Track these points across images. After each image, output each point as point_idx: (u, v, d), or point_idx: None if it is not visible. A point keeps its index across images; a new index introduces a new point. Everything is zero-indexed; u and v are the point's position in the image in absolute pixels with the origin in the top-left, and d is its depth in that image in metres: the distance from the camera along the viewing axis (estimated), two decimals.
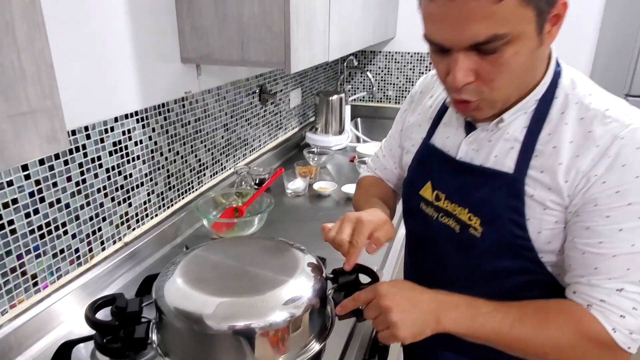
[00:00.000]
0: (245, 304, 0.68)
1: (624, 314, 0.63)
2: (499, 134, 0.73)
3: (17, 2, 0.47)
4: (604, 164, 0.63)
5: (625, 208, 0.62)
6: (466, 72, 0.62)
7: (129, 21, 1.07)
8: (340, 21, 1.56)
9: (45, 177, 0.92)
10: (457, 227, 0.79)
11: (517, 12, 0.57)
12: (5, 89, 0.47)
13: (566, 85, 0.70)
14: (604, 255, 0.64)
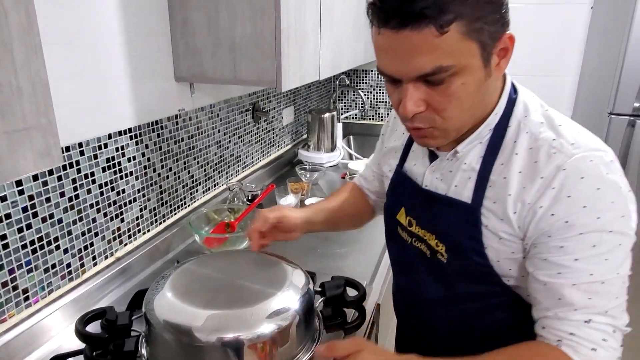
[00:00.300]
0: (233, 316, 0.70)
1: (595, 346, 0.63)
2: (458, 164, 0.75)
3: (15, 25, 0.49)
4: (549, 196, 0.64)
5: (577, 238, 0.63)
6: (416, 101, 0.64)
7: (124, 41, 1.10)
8: (331, 41, 1.60)
9: (39, 193, 0.93)
10: (427, 252, 0.82)
11: (460, 45, 0.59)
12: (2, 106, 0.49)
13: (519, 113, 0.71)
14: (564, 285, 0.64)
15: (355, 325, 0.85)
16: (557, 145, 0.65)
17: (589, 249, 0.62)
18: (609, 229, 0.62)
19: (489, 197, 0.71)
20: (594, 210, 0.61)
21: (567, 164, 0.63)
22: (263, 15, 1.18)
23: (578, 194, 0.62)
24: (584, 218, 0.62)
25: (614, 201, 0.62)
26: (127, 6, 1.09)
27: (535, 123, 0.69)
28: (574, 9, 2.25)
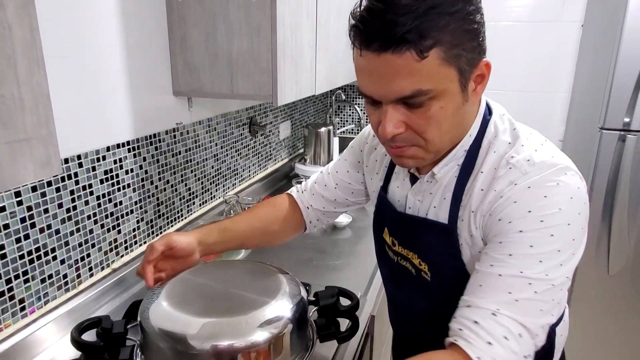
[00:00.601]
0: (227, 324, 0.71)
1: (493, 341, 0.61)
2: (437, 186, 0.77)
3: (18, 39, 0.52)
4: (499, 204, 0.66)
5: (516, 235, 0.64)
6: (395, 123, 0.65)
7: (124, 56, 1.13)
8: (327, 57, 1.64)
9: (37, 204, 0.95)
10: (413, 270, 0.84)
11: (439, 70, 0.61)
12: (4, 117, 0.51)
13: (490, 134, 0.73)
14: (490, 274, 0.65)
15: (348, 335, 0.86)
16: (514, 162, 0.68)
17: (526, 248, 0.63)
18: (551, 232, 0.63)
19: (462, 216, 0.73)
20: (539, 214, 0.63)
21: (519, 179, 0.66)
22: (260, 31, 1.21)
23: (524, 200, 0.64)
24: (527, 220, 0.63)
25: (562, 209, 0.63)
26: (128, 23, 1.12)
27: (503, 143, 0.71)
28: (566, 27, 2.30)
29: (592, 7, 2.17)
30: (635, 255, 1.92)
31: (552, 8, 2.30)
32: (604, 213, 1.88)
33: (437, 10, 0.58)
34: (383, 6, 0.59)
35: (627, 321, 2.05)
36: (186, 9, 1.25)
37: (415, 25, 0.57)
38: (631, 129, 1.78)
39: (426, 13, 0.58)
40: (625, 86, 1.76)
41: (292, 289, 0.81)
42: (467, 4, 0.61)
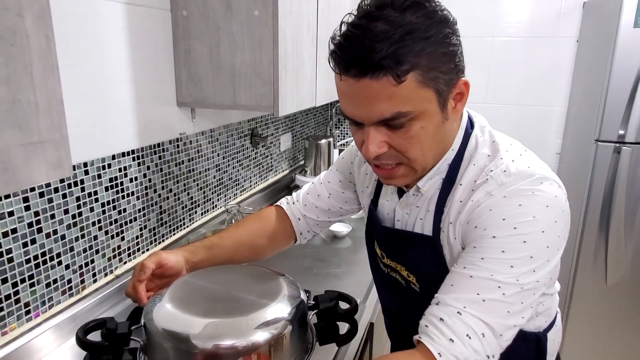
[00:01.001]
0: (229, 325, 0.73)
1: (455, 338, 0.62)
2: (423, 199, 0.79)
3: (35, 47, 0.55)
4: (475, 213, 0.68)
5: (490, 241, 0.65)
6: (378, 144, 0.67)
7: (131, 68, 1.16)
8: (327, 70, 1.68)
9: (44, 209, 0.97)
10: (402, 281, 0.86)
11: (417, 92, 0.62)
12: (20, 120, 0.54)
13: (471, 147, 0.75)
14: (462, 274, 0.67)
15: (347, 338, 0.87)
16: (491, 175, 0.70)
17: (498, 253, 0.65)
18: (524, 239, 0.64)
19: (444, 228, 0.75)
20: (513, 222, 0.65)
21: (495, 190, 0.68)
22: (262, 45, 1.25)
23: (500, 209, 0.66)
24: (501, 227, 0.65)
25: (536, 217, 0.64)
26: (135, 36, 1.16)
27: (483, 155, 0.73)
28: (561, 42, 2.35)
29: (586, 23, 2.22)
30: (633, 265, 1.93)
31: (548, 24, 2.35)
32: (601, 224, 1.90)
33: (412, 36, 0.60)
34: (360, 33, 0.61)
35: (625, 331, 2.05)
36: (191, 23, 1.29)
37: (392, 51, 0.59)
38: (626, 141, 1.82)
39: (402, 39, 0.59)
40: (619, 100, 1.80)
41: (292, 291, 0.83)
42: (442, 27, 0.63)
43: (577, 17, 2.30)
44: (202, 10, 1.27)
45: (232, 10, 1.25)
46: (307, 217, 1.05)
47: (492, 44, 2.44)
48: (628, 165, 1.81)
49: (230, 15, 1.25)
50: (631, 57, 1.76)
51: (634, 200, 1.85)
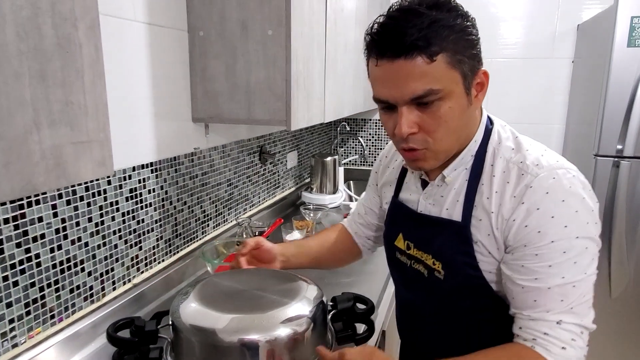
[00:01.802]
0: (253, 320, 0.76)
1: (565, 345, 0.71)
2: (448, 189, 0.84)
3: (87, 55, 0.60)
4: (521, 210, 0.73)
5: (549, 246, 0.71)
6: (409, 123, 0.73)
7: (150, 85, 1.22)
8: (335, 89, 1.74)
9: (70, 216, 1.01)
10: (425, 271, 0.89)
11: (446, 72, 0.70)
12: (72, 120, 0.59)
13: (494, 140, 0.81)
14: (540, 288, 0.72)
15: (365, 337, 0.90)
16: (524, 168, 0.76)
17: (560, 255, 0.71)
18: (576, 235, 0.70)
19: (476, 215, 0.80)
20: (561, 220, 0.71)
21: (534, 182, 0.73)
22: (275, 63, 1.31)
23: (546, 206, 0.72)
24: (554, 227, 0.71)
25: (578, 210, 0.71)
26: (155, 55, 1.23)
27: (507, 148, 0.80)
28: (557, 63, 2.44)
29: (581, 44, 2.31)
30: (635, 277, 1.96)
31: (544, 46, 2.44)
32: (603, 237, 1.91)
33: (439, 24, 0.69)
34: (394, 22, 0.71)
35: (631, 342, 2.06)
36: (207, 43, 1.36)
37: (423, 34, 0.68)
38: (624, 155, 1.87)
39: (429, 26, 0.69)
40: (616, 116, 1.87)
41: (313, 292, 0.86)
42: (463, 19, 0.72)
43: (572, 38, 2.39)
44: (218, 31, 1.34)
45: (247, 31, 1.31)
46: (358, 234, 1.16)
47: (490, 64, 2.52)
48: (627, 179, 1.86)
49: (245, 35, 1.32)
50: (626, 75, 1.83)
51: (635, 212, 1.90)
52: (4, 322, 0.89)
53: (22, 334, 0.93)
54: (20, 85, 0.51)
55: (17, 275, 0.91)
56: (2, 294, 0.88)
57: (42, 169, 0.55)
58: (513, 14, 2.47)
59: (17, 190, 0.52)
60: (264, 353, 0.74)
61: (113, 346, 0.78)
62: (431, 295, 0.89)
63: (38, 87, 0.54)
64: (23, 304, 0.92)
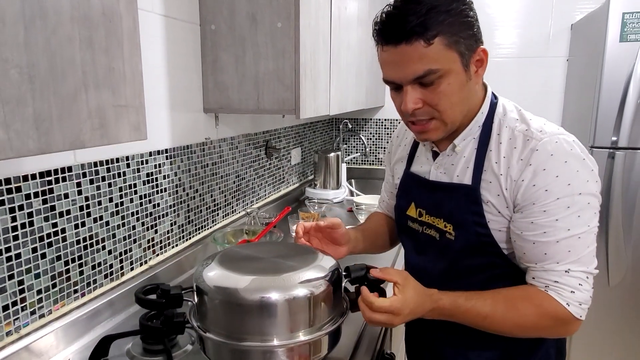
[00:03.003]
0: (273, 280, 0.80)
1: (574, 289, 0.80)
2: (457, 158, 0.91)
3: (126, 26, 0.66)
4: (528, 171, 0.80)
5: (555, 202, 0.79)
6: (414, 100, 0.82)
7: (166, 75, 1.28)
8: (339, 83, 1.81)
9: (93, 195, 1.06)
10: (437, 235, 0.96)
11: (444, 53, 0.78)
12: (113, 85, 0.64)
13: (500, 112, 0.89)
14: (549, 242, 0.80)
15: None
16: (529, 134, 0.84)
17: (565, 210, 0.78)
18: (578, 192, 0.78)
19: (485, 179, 0.87)
20: (565, 178, 0.78)
21: (539, 146, 0.81)
22: (284, 54, 1.37)
23: (551, 166, 0.79)
24: (558, 186, 0.78)
25: (579, 170, 0.79)
26: (170, 46, 1.28)
27: (512, 119, 0.88)
28: (552, 61, 2.51)
29: (575, 42, 2.39)
30: (633, 265, 2.02)
31: (539, 45, 2.52)
32: (600, 226, 1.97)
33: (436, 10, 0.76)
34: (396, 11, 0.79)
35: (629, 330, 2.11)
36: (218, 36, 1.42)
37: (420, 21, 0.76)
38: (619, 146, 1.94)
39: (427, 13, 0.76)
40: (610, 108, 1.93)
41: (328, 260, 0.91)
42: (460, 3, 0.79)
43: (566, 38, 2.47)
44: (229, 24, 1.40)
45: (256, 23, 1.38)
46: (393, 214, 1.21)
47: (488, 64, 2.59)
48: (622, 169, 1.92)
49: (255, 28, 1.38)
50: (619, 68, 1.90)
51: (630, 201, 1.96)
52: (33, 292, 0.93)
53: (48, 305, 0.97)
54: (72, 48, 0.57)
55: (44, 247, 0.95)
56: (31, 264, 0.92)
57: (88, 126, 0.60)
58: (508, 15, 2.55)
59: (67, 143, 0.57)
60: (284, 311, 0.79)
61: (142, 307, 0.82)
62: (442, 258, 0.95)
63: (86, 52, 0.59)
64: (49, 276, 0.97)
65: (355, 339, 1.04)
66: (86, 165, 1.03)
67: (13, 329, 0.90)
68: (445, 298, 0.85)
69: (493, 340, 0.95)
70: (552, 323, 0.82)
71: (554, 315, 0.81)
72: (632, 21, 1.85)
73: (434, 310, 0.85)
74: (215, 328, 0.81)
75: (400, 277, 0.84)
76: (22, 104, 0.51)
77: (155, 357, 0.92)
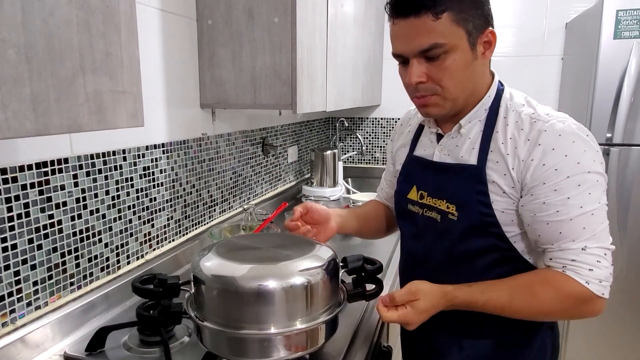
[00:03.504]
0: (271, 269, 0.80)
1: (592, 267, 0.80)
2: (462, 140, 0.92)
3: (123, 12, 0.66)
4: (538, 151, 0.82)
5: (566, 181, 0.80)
6: (419, 73, 0.84)
7: (163, 69, 1.28)
8: (335, 80, 1.81)
9: (89, 187, 1.06)
10: (438, 217, 0.96)
11: (450, 29, 0.80)
12: (111, 70, 0.64)
13: (506, 97, 0.92)
14: (563, 221, 0.81)
15: (374, 294, 0.95)
16: (535, 117, 0.86)
17: (576, 187, 0.80)
18: (587, 170, 0.80)
19: (491, 159, 0.88)
20: (574, 157, 0.80)
21: (546, 127, 0.82)
22: (281, 49, 1.37)
23: (560, 146, 0.80)
24: (568, 164, 0.80)
25: (586, 150, 0.81)
26: (167, 41, 1.28)
27: (518, 104, 0.90)
28: (548, 60, 2.53)
29: (570, 41, 2.40)
30: (628, 264, 2.03)
31: (534, 44, 2.53)
32: None
33: None
34: None
35: (623, 327, 2.12)
36: (215, 31, 1.42)
37: None
38: (614, 143, 1.95)
39: None
40: (604, 105, 1.95)
41: (325, 250, 0.91)
42: None
43: (561, 36, 2.48)
44: (225, 19, 1.40)
45: (253, 19, 1.38)
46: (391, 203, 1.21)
47: None
48: (617, 165, 1.94)
49: (252, 23, 1.38)
50: (613, 65, 1.92)
51: (625, 198, 1.97)
52: (29, 284, 0.93)
53: (44, 297, 0.97)
54: (70, 31, 0.57)
55: (41, 239, 0.95)
56: (27, 255, 0.92)
57: (85, 110, 0.60)
58: (504, 15, 2.56)
59: (65, 126, 0.57)
60: (281, 299, 0.79)
61: (139, 296, 0.82)
62: (441, 241, 0.95)
63: (83, 35, 0.59)
64: (46, 267, 0.96)
65: (352, 331, 1.04)
66: (82, 157, 1.03)
67: (9, 320, 0.89)
68: (460, 295, 0.84)
69: (488, 329, 0.95)
70: (574, 304, 0.82)
71: (574, 296, 0.81)
72: (626, 18, 1.86)
73: (449, 308, 0.86)
74: (213, 317, 0.81)
75: (408, 296, 0.83)
76: (19, 84, 0.51)
77: (153, 348, 0.92)
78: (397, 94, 2.83)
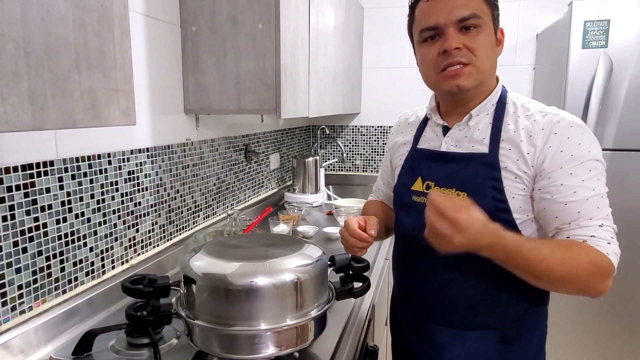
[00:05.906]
0: (261, 266, 0.82)
1: (610, 241, 0.87)
2: (471, 131, 0.97)
3: (116, 12, 0.67)
4: (555, 139, 0.88)
5: (580, 166, 0.88)
6: (456, 41, 0.90)
7: (147, 74, 1.28)
8: (317, 87, 1.84)
9: (75, 191, 1.05)
10: None
11: (484, 7, 0.91)
12: (104, 68, 0.65)
13: (512, 96, 1.00)
14: (580, 200, 0.87)
15: (362, 290, 0.97)
16: (545, 110, 0.93)
17: (588, 172, 0.88)
18: (596, 158, 0.88)
19: (504, 146, 0.93)
20: (585, 146, 0.88)
21: (559, 117, 0.91)
22: (265, 55, 1.40)
23: (573, 135, 0.89)
24: (582, 152, 0.88)
25: (592, 141, 0.90)
26: (151, 46, 1.29)
27: (525, 101, 0.98)
28: (519, 69, 2.63)
29: (541, 51, 2.50)
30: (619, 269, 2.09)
31: (507, 54, 2.63)
32: None
33: None
34: None
35: (618, 330, 2.19)
36: (199, 37, 1.43)
37: None
38: None
39: None
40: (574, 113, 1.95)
41: (314, 249, 0.93)
42: None
43: (532, 47, 2.58)
44: (210, 26, 1.42)
45: (237, 25, 1.40)
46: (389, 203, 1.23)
47: None
48: None
49: (236, 30, 1.40)
50: (582, 74, 2.00)
51: None
52: (14, 287, 0.92)
53: (29, 301, 0.95)
54: (66, 28, 0.58)
55: (26, 242, 0.94)
56: (12, 259, 0.91)
57: (80, 106, 0.61)
58: None
59: (61, 121, 0.57)
60: (271, 296, 0.80)
61: (129, 296, 0.82)
62: None
63: (79, 33, 0.60)
64: (31, 271, 0.95)
65: (340, 330, 1.06)
66: (68, 160, 1.03)
67: None
68: (509, 236, 0.82)
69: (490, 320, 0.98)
70: (600, 271, 0.85)
71: (600, 264, 0.85)
72: (593, 29, 1.96)
73: (494, 246, 0.81)
74: (204, 315, 0.81)
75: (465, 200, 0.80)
76: (17, 79, 0.51)
77: (141, 350, 0.92)
78: (376, 103, 2.89)
